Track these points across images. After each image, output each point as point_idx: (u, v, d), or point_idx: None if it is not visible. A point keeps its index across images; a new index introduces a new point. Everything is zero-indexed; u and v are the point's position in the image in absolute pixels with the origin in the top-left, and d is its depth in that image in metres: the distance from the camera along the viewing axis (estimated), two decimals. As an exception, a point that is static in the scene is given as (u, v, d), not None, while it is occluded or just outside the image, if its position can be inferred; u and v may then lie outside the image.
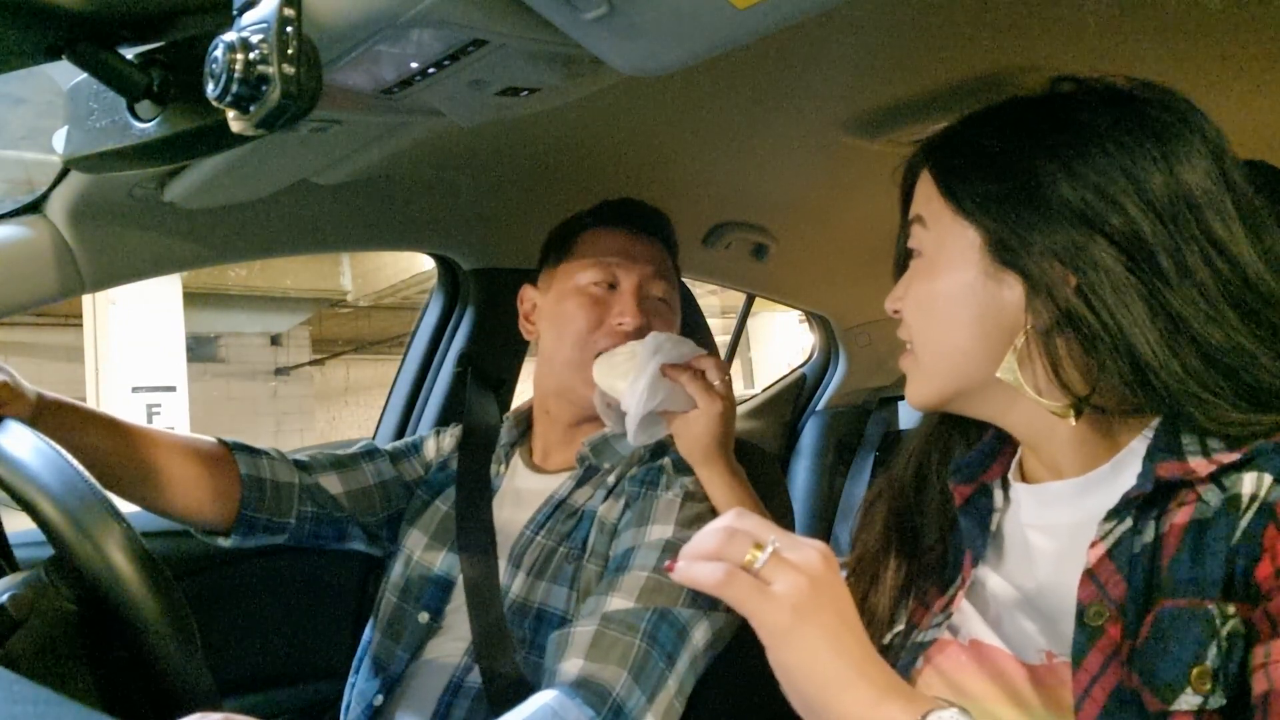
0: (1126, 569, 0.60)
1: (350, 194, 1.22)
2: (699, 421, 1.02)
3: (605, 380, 1.03)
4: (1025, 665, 0.65)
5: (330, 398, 10.60)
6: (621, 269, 1.10)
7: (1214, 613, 0.54)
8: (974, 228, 0.67)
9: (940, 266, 0.70)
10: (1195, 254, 0.61)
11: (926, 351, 0.72)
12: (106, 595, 0.63)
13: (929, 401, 0.73)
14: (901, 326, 0.75)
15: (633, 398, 0.98)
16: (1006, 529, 0.73)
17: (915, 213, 0.73)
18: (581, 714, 0.80)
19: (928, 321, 0.71)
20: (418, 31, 0.64)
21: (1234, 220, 0.62)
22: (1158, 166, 0.62)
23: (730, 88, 1.08)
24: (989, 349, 0.67)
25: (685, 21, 0.60)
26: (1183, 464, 0.60)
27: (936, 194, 0.71)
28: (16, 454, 0.69)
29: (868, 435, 2.43)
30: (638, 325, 1.07)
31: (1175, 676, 0.54)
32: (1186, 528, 0.58)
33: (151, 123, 0.68)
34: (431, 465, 1.23)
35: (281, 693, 1.40)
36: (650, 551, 0.96)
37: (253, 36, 0.54)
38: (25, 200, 1.06)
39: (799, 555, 0.56)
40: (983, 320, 0.67)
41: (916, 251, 0.73)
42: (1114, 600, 0.60)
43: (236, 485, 1.06)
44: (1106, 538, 0.62)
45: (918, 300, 0.72)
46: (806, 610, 0.54)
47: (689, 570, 0.57)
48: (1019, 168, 0.66)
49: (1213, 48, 1.02)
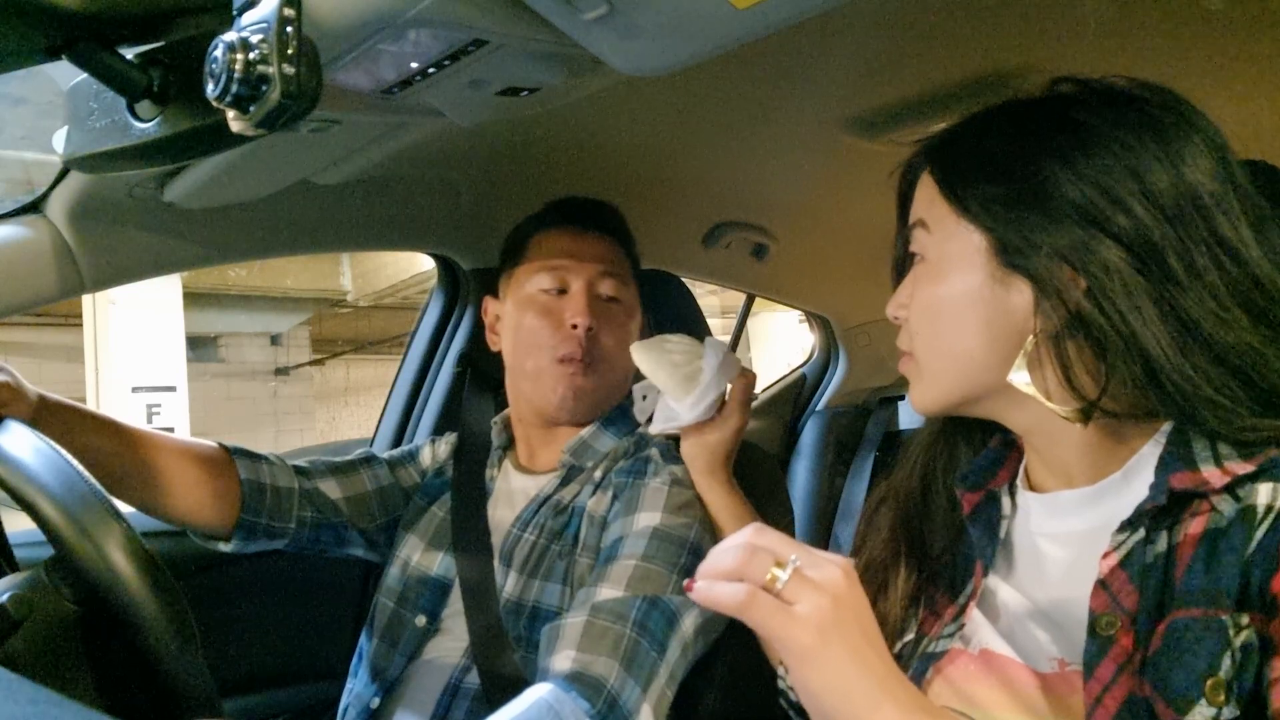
0: (1139, 579, 0.59)
1: (350, 194, 1.22)
2: (715, 432, 1.02)
3: (650, 367, 1.01)
4: (1037, 674, 0.64)
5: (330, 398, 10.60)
6: (570, 271, 1.11)
7: (1228, 623, 0.54)
8: (979, 231, 0.66)
9: (945, 271, 0.69)
10: (1204, 254, 0.60)
11: (934, 357, 0.70)
12: (107, 595, 0.63)
13: (935, 407, 0.72)
14: (902, 333, 0.74)
15: (694, 408, 0.99)
16: (1016, 537, 0.72)
17: (917, 217, 0.72)
18: (577, 707, 0.80)
19: (934, 327, 0.70)
20: (418, 31, 0.64)
21: (1240, 220, 0.62)
22: (1163, 166, 0.62)
23: (730, 88, 1.08)
24: (997, 354, 0.66)
25: (685, 22, 0.60)
26: (1195, 474, 0.59)
27: (939, 197, 0.69)
28: (17, 454, 0.69)
29: (868, 435, 2.43)
30: (588, 326, 1.08)
31: (1189, 687, 0.54)
32: (1200, 538, 0.58)
33: (151, 123, 0.68)
34: (428, 472, 1.24)
35: (281, 693, 1.40)
36: (638, 539, 0.96)
37: (253, 36, 0.54)
38: (25, 200, 1.06)
39: (821, 573, 0.55)
40: (990, 325, 0.66)
41: (919, 256, 0.72)
42: (1126, 610, 0.59)
43: (236, 490, 1.06)
44: (1119, 548, 0.61)
45: (923, 306, 0.70)
46: (831, 630, 0.53)
47: (710, 591, 0.56)
48: (1023, 169, 0.65)
49: (1213, 48, 1.02)
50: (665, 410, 1.02)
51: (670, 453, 1.08)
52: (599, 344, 1.10)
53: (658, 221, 1.56)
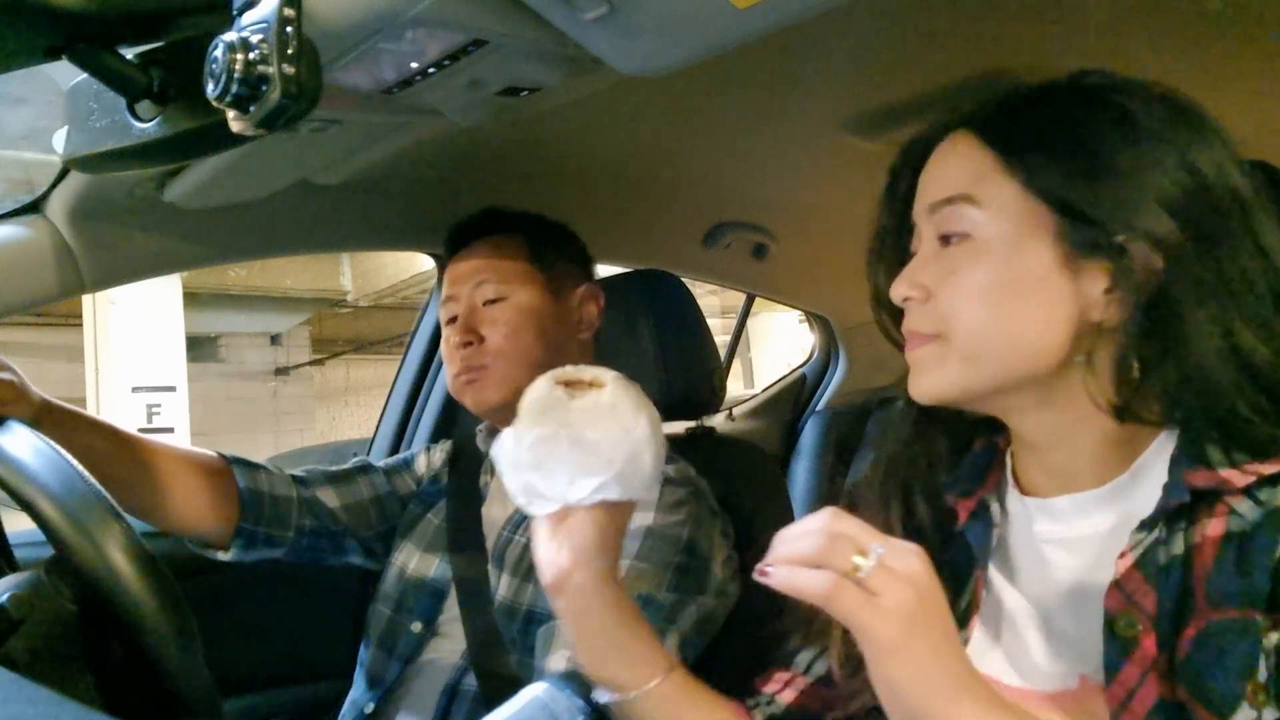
0: (1155, 580, 0.58)
1: (350, 194, 1.22)
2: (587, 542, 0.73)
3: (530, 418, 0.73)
4: (1049, 697, 0.62)
5: (330, 398, 10.59)
6: (455, 300, 1.12)
7: (1261, 625, 0.53)
8: (1049, 209, 0.61)
9: (1004, 251, 0.62)
10: (1246, 256, 0.59)
11: (977, 340, 0.63)
12: (106, 596, 0.63)
13: (956, 393, 0.66)
14: (919, 313, 0.66)
15: (575, 489, 0.70)
16: (1015, 545, 0.69)
17: (957, 191, 0.64)
18: (572, 704, 0.80)
19: (985, 309, 0.63)
20: (418, 31, 0.64)
21: (1275, 224, 0.60)
22: (1209, 162, 0.60)
23: (730, 88, 1.08)
24: (1051, 341, 0.61)
25: (685, 21, 0.60)
26: (1213, 473, 0.57)
27: (996, 169, 0.63)
28: (17, 454, 0.69)
29: (868, 435, 2.43)
30: (463, 342, 1.08)
31: (1230, 690, 0.52)
32: (1224, 540, 0.56)
33: (151, 123, 0.68)
34: (423, 479, 1.24)
35: (281, 693, 1.40)
36: (631, 539, 0.96)
37: (253, 36, 0.54)
38: (25, 200, 1.06)
39: (905, 564, 0.53)
40: (1053, 310, 0.61)
41: (960, 235, 0.64)
42: (1145, 611, 0.57)
43: (235, 498, 1.06)
44: (1136, 547, 0.59)
45: (972, 286, 0.63)
46: (916, 624, 0.52)
47: (791, 578, 0.53)
48: (1097, 147, 0.60)
49: (1213, 48, 1.02)
50: (526, 481, 0.71)
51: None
52: (484, 349, 1.08)
53: (658, 221, 1.56)
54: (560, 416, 0.71)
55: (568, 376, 0.74)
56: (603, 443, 0.70)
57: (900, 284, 0.67)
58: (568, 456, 0.69)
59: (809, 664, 0.79)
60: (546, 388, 0.73)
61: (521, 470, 0.71)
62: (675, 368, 1.29)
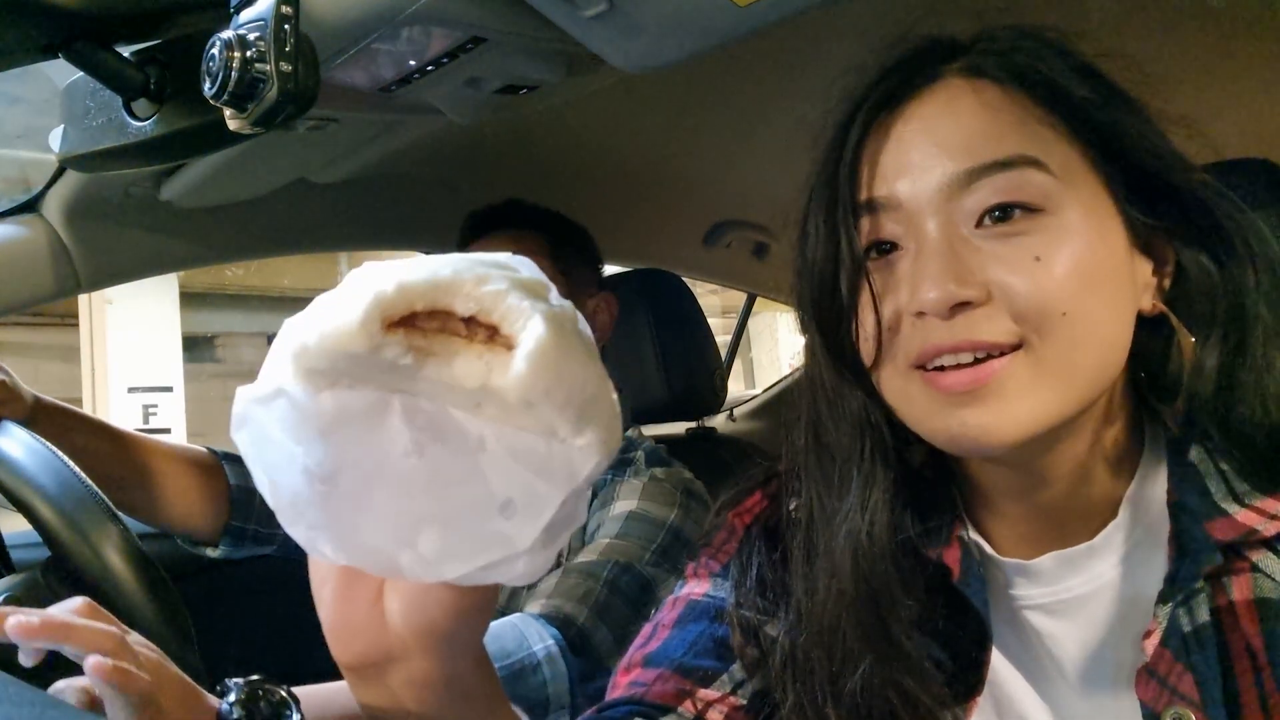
0: (1185, 656, 0.48)
1: (348, 193, 1.21)
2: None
3: None
4: None
5: (328, 397, 10.59)
6: None
7: None
8: (1114, 181, 0.51)
9: (1084, 230, 0.49)
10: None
11: (1073, 348, 0.48)
12: (103, 597, 0.63)
13: (1048, 422, 0.49)
14: (986, 316, 0.49)
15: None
16: (994, 611, 0.55)
17: (1017, 152, 0.49)
18: (545, 632, 0.81)
19: (1083, 306, 0.48)
20: (416, 29, 0.63)
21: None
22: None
23: (731, 87, 1.08)
24: (1124, 345, 0.51)
25: (685, 18, 0.60)
26: (1232, 522, 0.48)
27: (1057, 133, 0.50)
28: (12, 455, 0.69)
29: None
30: None
31: None
32: (1258, 605, 0.48)
33: (148, 121, 0.68)
34: None
35: (279, 694, 1.40)
36: (613, 523, 0.96)
37: (250, 34, 0.54)
38: (21, 199, 1.06)
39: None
40: (1127, 306, 0.51)
41: (1028, 208, 0.49)
42: (1188, 699, 0.47)
43: (226, 495, 1.06)
44: (1162, 622, 0.49)
45: (1065, 274, 0.48)
46: None
47: None
48: (1138, 122, 0.51)
49: (1213, 48, 1.02)
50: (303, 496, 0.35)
51: (657, 456, 1.06)
52: None
53: (658, 221, 1.56)
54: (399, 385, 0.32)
55: (416, 293, 0.32)
56: (502, 479, 0.32)
57: (943, 282, 0.48)
58: (416, 486, 0.32)
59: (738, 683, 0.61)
60: (364, 313, 0.31)
61: (300, 475, 0.33)
62: (676, 368, 1.29)
